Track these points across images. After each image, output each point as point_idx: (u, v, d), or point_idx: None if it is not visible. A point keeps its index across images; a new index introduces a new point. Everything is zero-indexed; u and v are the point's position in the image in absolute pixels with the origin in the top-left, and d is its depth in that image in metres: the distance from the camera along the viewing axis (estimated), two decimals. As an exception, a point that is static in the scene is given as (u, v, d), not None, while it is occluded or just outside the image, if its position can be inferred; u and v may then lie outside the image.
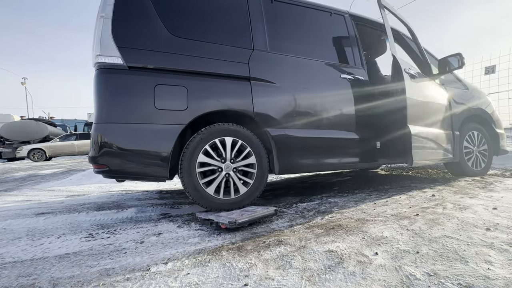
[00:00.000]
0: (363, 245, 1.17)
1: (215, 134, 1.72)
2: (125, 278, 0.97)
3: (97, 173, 1.66)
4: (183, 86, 1.67)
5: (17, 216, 2.00)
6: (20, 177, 5.13)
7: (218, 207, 1.72)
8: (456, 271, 0.93)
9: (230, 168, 1.75)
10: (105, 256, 1.18)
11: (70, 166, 7.50)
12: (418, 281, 0.87)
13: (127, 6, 1.65)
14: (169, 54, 1.68)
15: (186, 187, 1.66)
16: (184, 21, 1.77)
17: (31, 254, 1.24)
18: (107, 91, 1.60)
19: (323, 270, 0.97)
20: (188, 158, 1.65)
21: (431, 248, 1.12)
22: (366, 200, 2.04)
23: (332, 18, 2.30)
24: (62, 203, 2.49)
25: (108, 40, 1.57)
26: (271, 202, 2.12)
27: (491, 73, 5.49)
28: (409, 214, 1.61)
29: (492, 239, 1.18)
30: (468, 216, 1.53)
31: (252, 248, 1.20)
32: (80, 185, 3.72)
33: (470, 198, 1.95)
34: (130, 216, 1.88)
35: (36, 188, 3.60)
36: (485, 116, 2.97)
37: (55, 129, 15.56)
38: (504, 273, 0.90)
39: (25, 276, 1.01)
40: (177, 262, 1.08)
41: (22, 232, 1.58)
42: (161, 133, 1.63)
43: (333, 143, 2.13)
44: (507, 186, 2.36)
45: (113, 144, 1.59)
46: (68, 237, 1.46)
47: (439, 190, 2.29)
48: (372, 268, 0.97)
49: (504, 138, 3.12)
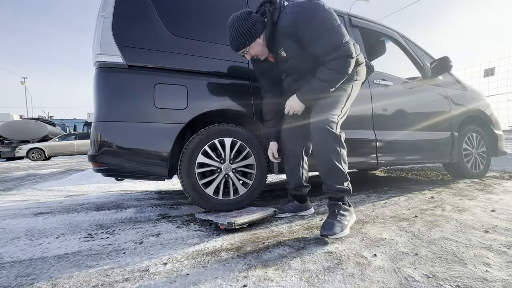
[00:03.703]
0: (362, 247, 1.18)
1: (214, 135, 1.72)
2: (124, 279, 0.96)
3: (97, 171, 1.66)
4: (183, 85, 1.67)
5: (15, 216, 1.99)
6: (19, 177, 5.12)
7: (217, 208, 1.72)
8: (455, 273, 0.93)
9: (229, 168, 1.75)
10: (104, 256, 1.18)
11: (69, 166, 7.49)
12: (416, 283, 0.87)
13: (127, 6, 1.65)
14: (169, 53, 1.68)
15: (185, 187, 1.66)
16: (184, 20, 1.78)
17: (30, 254, 1.23)
18: (107, 90, 1.60)
19: (322, 271, 0.98)
20: (187, 158, 1.65)
21: (430, 250, 1.12)
22: (365, 202, 2.04)
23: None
24: (61, 203, 2.49)
25: (109, 39, 1.57)
26: (270, 203, 2.12)
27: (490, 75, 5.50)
28: (408, 216, 1.62)
29: (491, 241, 1.19)
30: (467, 218, 1.54)
31: (251, 249, 1.20)
32: (79, 185, 3.71)
33: (469, 200, 1.96)
34: (129, 216, 1.88)
35: (35, 188, 3.60)
36: (484, 118, 2.98)
37: (55, 129, 15.55)
38: (502, 275, 0.90)
39: (24, 276, 1.01)
40: (176, 263, 1.08)
41: (21, 232, 1.57)
42: (161, 132, 1.63)
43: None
44: (506, 189, 2.36)
45: (112, 142, 1.59)
46: (67, 237, 1.46)
47: (438, 192, 2.29)
48: (371, 269, 0.97)
49: (503, 140, 3.13)
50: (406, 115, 2.45)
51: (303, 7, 1.31)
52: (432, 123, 2.57)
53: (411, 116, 2.48)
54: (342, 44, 1.29)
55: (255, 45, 1.41)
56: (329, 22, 1.30)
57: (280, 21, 1.35)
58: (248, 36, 1.37)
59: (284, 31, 1.35)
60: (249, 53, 1.44)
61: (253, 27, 1.36)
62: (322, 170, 1.38)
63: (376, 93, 2.27)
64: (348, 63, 1.32)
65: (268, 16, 1.38)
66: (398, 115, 2.41)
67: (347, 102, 1.46)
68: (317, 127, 1.36)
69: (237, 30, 1.36)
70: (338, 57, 1.30)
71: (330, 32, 1.29)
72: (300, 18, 1.29)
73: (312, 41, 1.32)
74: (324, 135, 1.33)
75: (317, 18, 1.29)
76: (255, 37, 1.38)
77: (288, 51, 1.40)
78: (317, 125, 1.36)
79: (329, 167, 1.34)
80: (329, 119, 1.35)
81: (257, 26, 1.37)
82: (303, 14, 1.29)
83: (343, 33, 1.31)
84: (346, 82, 1.43)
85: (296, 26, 1.31)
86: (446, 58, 2.51)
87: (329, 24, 1.30)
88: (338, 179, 1.34)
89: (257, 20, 1.37)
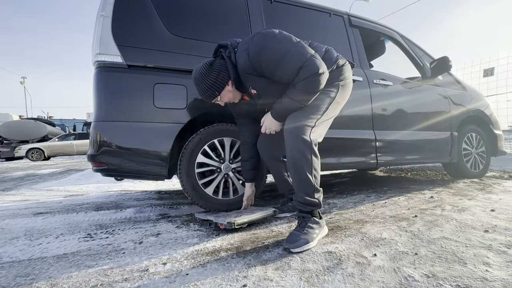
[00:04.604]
0: (362, 246, 1.18)
1: (214, 135, 1.72)
2: (123, 279, 0.96)
3: (96, 171, 1.66)
4: (182, 85, 1.67)
5: (15, 216, 1.99)
6: (18, 177, 5.11)
7: (217, 208, 1.72)
8: (455, 272, 0.93)
9: (229, 168, 1.75)
10: (104, 256, 1.18)
11: (68, 166, 7.49)
12: (416, 283, 0.87)
13: (127, 5, 1.65)
14: (169, 53, 1.68)
15: (185, 187, 1.66)
16: (183, 20, 1.77)
17: (29, 254, 1.23)
18: (107, 90, 1.59)
19: (321, 271, 0.97)
20: (187, 158, 1.65)
21: (430, 250, 1.12)
22: (365, 202, 2.04)
23: (331, 19, 2.31)
24: (61, 203, 2.48)
25: (108, 38, 1.57)
26: (270, 203, 2.12)
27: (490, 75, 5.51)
28: (408, 216, 1.62)
29: (490, 241, 1.19)
30: (466, 218, 1.54)
31: (251, 248, 1.20)
32: (78, 185, 3.71)
33: (469, 200, 1.96)
34: (129, 216, 1.87)
35: (34, 188, 3.59)
36: (484, 118, 2.98)
37: (54, 129, 15.54)
38: (502, 275, 0.90)
39: (23, 276, 1.01)
40: (175, 263, 1.08)
41: (20, 232, 1.57)
42: (160, 132, 1.63)
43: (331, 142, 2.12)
44: (505, 188, 2.36)
45: (112, 142, 1.58)
46: (66, 237, 1.46)
47: (437, 192, 2.29)
48: (370, 269, 0.97)
49: (502, 140, 3.13)
50: (405, 115, 2.45)
51: (251, 42, 1.26)
52: (431, 123, 2.57)
53: (410, 116, 2.48)
54: (304, 64, 1.20)
55: (225, 93, 1.36)
56: (281, 48, 1.23)
57: (238, 62, 1.30)
58: (216, 88, 1.32)
59: (244, 70, 1.29)
60: (221, 101, 1.40)
61: (217, 78, 1.31)
62: (292, 178, 1.31)
63: (376, 93, 2.27)
64: (316, 81, 1.23)
65: (227, 60, 1.32)
66: (397, 115, 2.41)
67: (331, 106, 1.38)
68: (288, 133, 1.29)
69: (203, 85, 1.32)
70: (304, 77, 1.22)
71: (286, 57, 1.21)
72: (251, 54, 1.24)
73: (272, 72, 1.26)
74: (295, 141, 1.26)
75: (267, 49, 1.23)
76: (222, 87, 1.33)
77: (256, 87, 1.34)
78: (288, 131, 1.30)
79: (298, 176, 1.26)
80: (304, 124, 1.28)
81: (221, 76, 1.31)
82: (252, 49, 1.23)
83: (302, 52, 1.23)
84: (329, 87, 1.37)
85: (252, 63, 1.25)
86: (446, 58, 2.51)
87: (282, 49, 1.22)
88: (307, 189, 1.26)
89: (220, 69, 1.31)
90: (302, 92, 1.27)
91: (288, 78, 1.26)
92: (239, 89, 1.39)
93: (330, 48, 1.47)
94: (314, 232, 1.23)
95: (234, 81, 1.34)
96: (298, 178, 1.27)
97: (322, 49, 1.43)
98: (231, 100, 1.42)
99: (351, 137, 2.15)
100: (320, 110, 1.35)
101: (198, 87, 1.35)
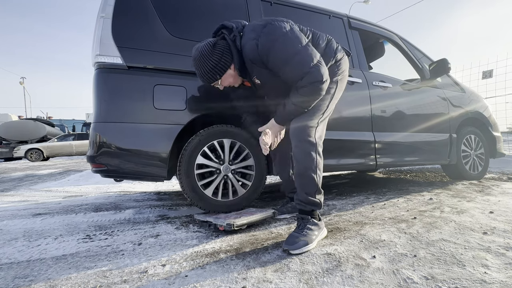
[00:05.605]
0: (361, 248, 1.18)
1: (213, 136, 1.72)
2: (122, 280, 0.96)
3: (95, 172, 1.66)
4: (182, 86, 1.67)
5: (13, 216, 1.99)
6: (17, 177, 5.10)
7: (216, 209, 1.72)
8: (453, 274, 0.93)
9: (228, 170, 1.75)
10: (103, 257, 1.17)
11: (67, 166, 7.47)
12: (415, 285, 0.87)
13: (127, 7, 1.65)
14: (169, 55, 1.68)
15: (184, 188, 1.66)
16: (183, 21, 1.78)
17: (28, 255, 1.23)
18: (106, 91, 1.59)
19: (321, 273, 0.98)
20: (187, 159, 1.65)
21: (429, 252, 1.12)
22: (364, 203, 2.04)
23: (331, 21, 2.32)
24: (60, 203, 2.48)
25: (108, 40, 1.57)
26: (269, 204, 2.12)
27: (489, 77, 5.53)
28: (407, 217, 1.62)
29: (489, 243, 1.19)
30: (465, 219, 1.54)
31: (250, 250, 1.20)
32: (77, 186, 3.70)
33: (468, 202, 1.96)
34: (128, 217, 1.87)
35: (33, 189, 3.59)
36: (482, 120, 2.99)
37: (53, 129, 15.51)
38: (500, 277, 0.90)
39: (22, 278, 1.01)
40: (175, 264, 1.08)
41: (19, 233, 1.57)
42: (160, 133, 1.63)
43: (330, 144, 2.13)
44: (504, 190, 2.37)
45: (111, 143, 1.58)
46: (65, 238, 1.45)
47: (436, 194, 2.30)
48: (370, 271, 0.98)
49: (501, 141, 3.15)
50: (404, 117, 2.46)
51: (262, 33, 1.22)
52: (430, 124, 2.58)
53: (409, 117, 2.49)
54: (310, 71, 1.20)
55: (226, 77, 1.33)
56: (291, 48, 1.21)
57: (244, 48, 1.26)
58: (217, 70, 1.28)
59: (250, 59, 1.27)
60: (220, 85, 1.38)
61: (220, 60, 1.27)
62: (295, 177, 1.32)
63: (375, 95, 2.28)
64: (319, 89, 1.23)
65: (230, 44, 1.28)
66: (397, 117, 2.41)
67: (331, 103, 1.39)
68: (294, 133, 1.30)
69: (204, 66, 1.27)
70: (307, 84, 1.22)
71: (295, 59, 1.20)
72: (261, 45, 1.21)
73: (277, 69, 1.25)
74: (301, 141, 1.27)
75: (278, 46, 1.20)
76: (224, 70, 1.29)
77: (260, 78, 1.34)
78: (294, 131, 1.30)
79: (303, 175, 1.27)
80: (308, 125, 1.29)
81: (224, 58, 1.27)
82: (263, 42, 1.21)
83: (309, 56, 1.22)
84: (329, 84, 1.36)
85: (259, 54, 1.23)
86: (445, 60, 2.52)
87: (292, 50, 1.21)
88: (310, 189, 1.26)
89: (223, 51, 1.27)
90: (305, 97, 1.27)
91: (291, 79, 1.27)
92: (241, 75, 1.38)
93: (331, 38, 1.47)
94: (313, 234, 1.23)
95: (238, 66, 1.32)
96: (302, 177, 1.28)
97: (324, 41, 1.42)
98: (231, 85, 1.41)
99: (350, 138, 2.16)
100: (322, 109, 1.36)
101: (198, 69, 1.31)
